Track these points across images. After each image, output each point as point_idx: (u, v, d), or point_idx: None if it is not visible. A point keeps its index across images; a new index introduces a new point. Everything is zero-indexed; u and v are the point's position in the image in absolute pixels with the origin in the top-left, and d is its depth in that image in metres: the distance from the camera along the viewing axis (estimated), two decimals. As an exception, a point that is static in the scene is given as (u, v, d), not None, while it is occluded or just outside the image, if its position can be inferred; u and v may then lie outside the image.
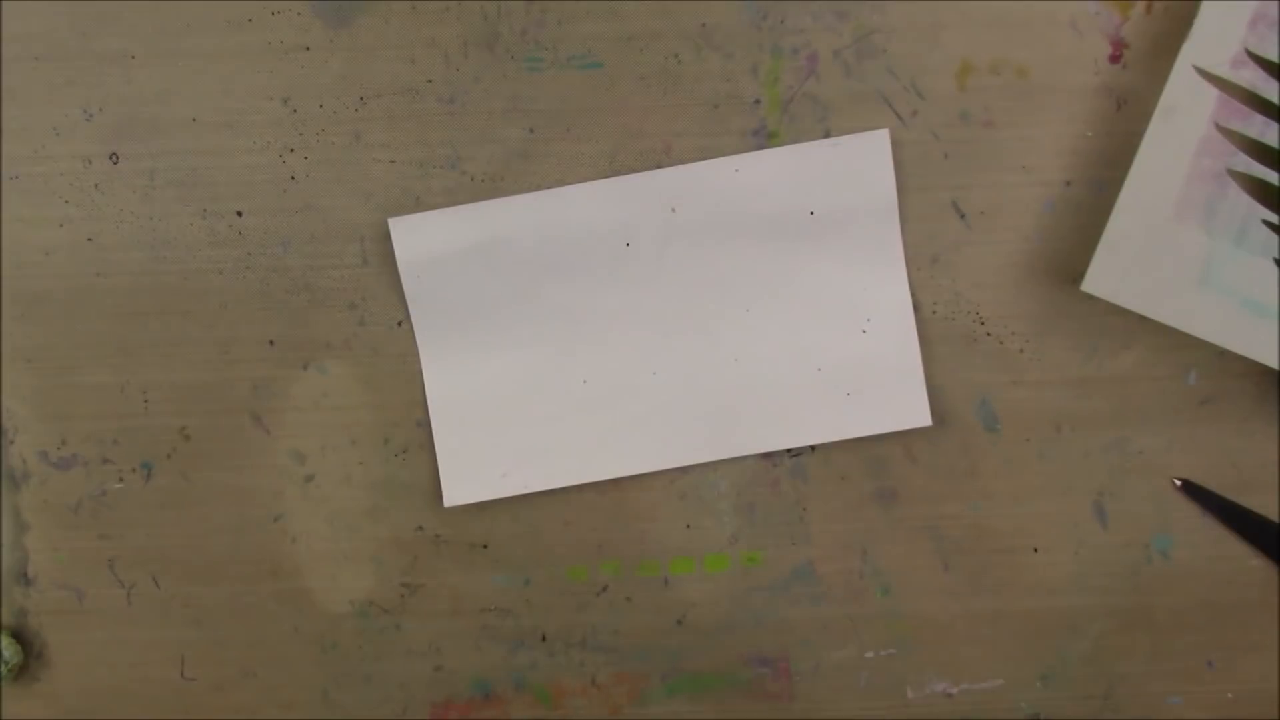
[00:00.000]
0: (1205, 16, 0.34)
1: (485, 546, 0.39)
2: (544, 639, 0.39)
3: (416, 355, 0.38)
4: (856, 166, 0.37)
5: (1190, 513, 0.38)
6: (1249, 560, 0.38)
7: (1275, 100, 0.35)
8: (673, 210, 0.37)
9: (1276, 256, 0.35)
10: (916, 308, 0.37)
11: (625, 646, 0.39)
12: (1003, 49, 0.37)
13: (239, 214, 0.38)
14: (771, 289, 0.37)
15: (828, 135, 0.37)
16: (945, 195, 0.37)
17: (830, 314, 0.37)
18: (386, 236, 0.37)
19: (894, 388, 0.37)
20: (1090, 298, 0.37)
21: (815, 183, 0.37)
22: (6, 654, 0.38)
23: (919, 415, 0.37)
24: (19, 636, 0.38)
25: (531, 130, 0.37)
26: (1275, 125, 0.35)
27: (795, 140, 0.37)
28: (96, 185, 0.37)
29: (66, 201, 0.37)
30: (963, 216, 0.37)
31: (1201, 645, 0.39)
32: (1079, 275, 0.37)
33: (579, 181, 0.37)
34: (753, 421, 0.38)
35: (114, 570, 0.39)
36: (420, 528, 0.39)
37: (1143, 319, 0.38)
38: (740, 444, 0.38)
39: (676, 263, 0.37)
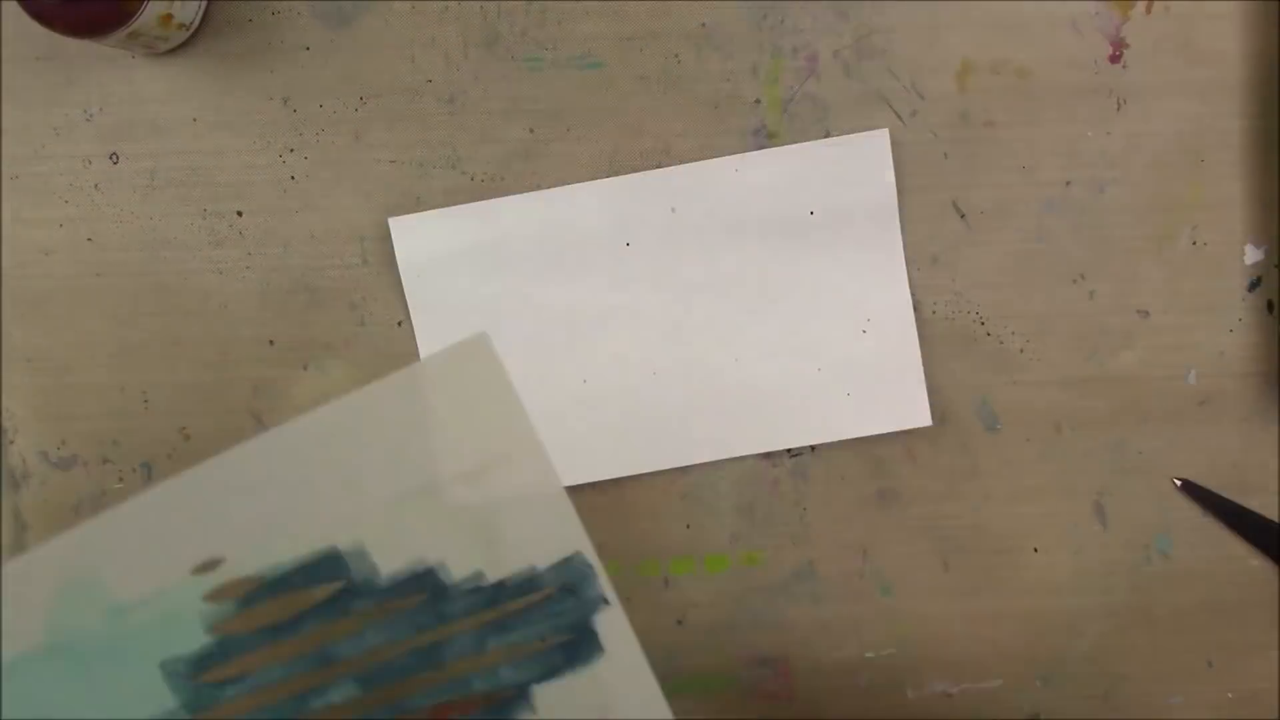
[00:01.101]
0: None
1: (485, 546, 0.39)
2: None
3: (416, 355, 0.38)
4: (856, 166, 0.37)
5: (1190, 513, 0.38)
6: (1249, 560, 0.38)
7: None
8: (673, 210, 0.37)
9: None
10: (916, 308, 0.37)
11: (625, 646, 0.39)
12: (1003, 49, 0.37)
13: (239, 214, 0.38)
14: (771, 289, 0.37)
15: (828, 135, 0.37)
16: (945, 195, 0.37)
17: (830, 314, 0.37)
18: (386, 236, 0.37)
19: (894, 388, 0.37)
20: (1090, 297, 0.37)
21: (815, 182, 0.37)
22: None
23: (919, 415, 0.37)
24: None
25: (531, 130, 0.37)
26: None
27: (795, 140, 0.37)
28: (96, 185, 0.37)
29: (66, 201, 0.37)
30: (963, 216, 0.37)
31: (1201, 645, 0.39)
32: (1079, 275, 0.37)
33: (579, 181, 0.37)
34: (753, 421, 0.38)
35: (114, 570, 0.39)
36: (420, 528, 0.39)
37: (1143, 318, 0.38)
38: (740, 444, 0.38)
39: (676, 263, 0.37)
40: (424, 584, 0.30)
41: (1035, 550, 0.39)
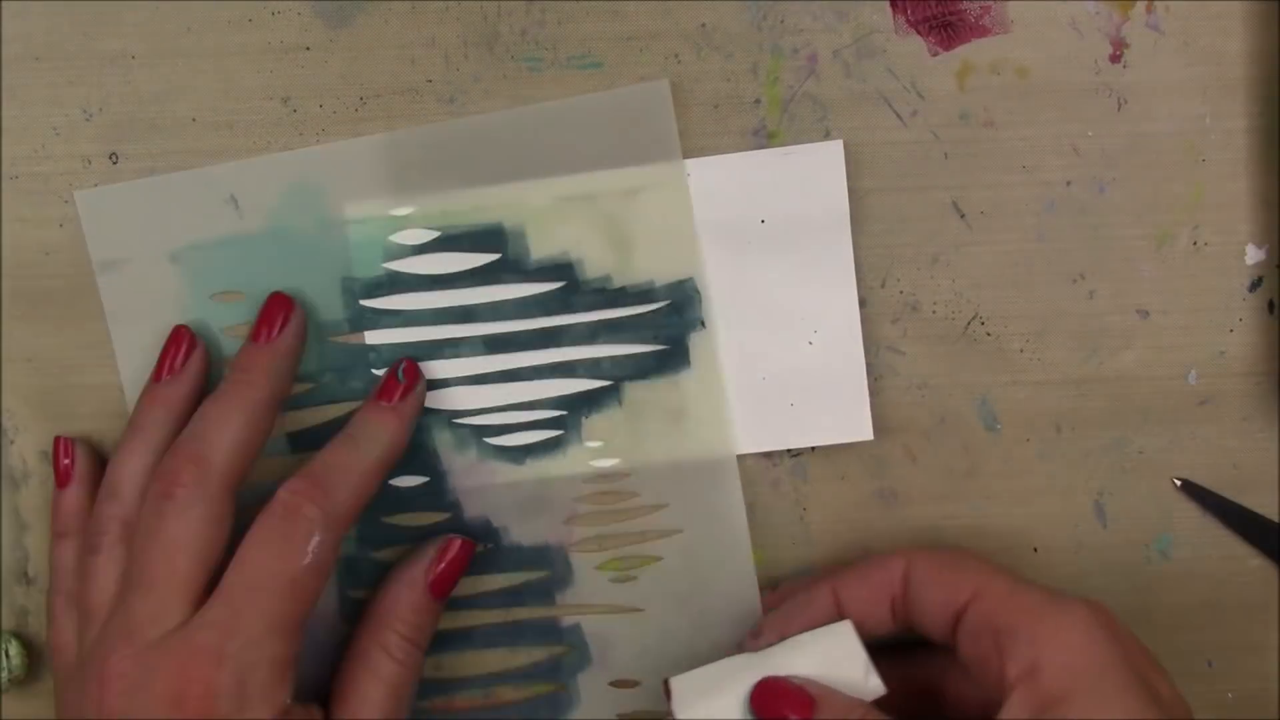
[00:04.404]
0: None
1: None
2: (544, 639, 0.39)
3: (416, 355, 0.38)
4: (809, 176, 0.36)
5: (1190, 513, 0.38)
6: (1249, 560, 0.38)
7: None
8: None
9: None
10: (917, 308, 0.37)
11: (625, 646, 0.39)
12: (1002, 49, 0.37)
13: (239, 214, 0.37)
14: (720, 294, 0.37)
15: (828, 135, 0.37)
16: (945, 195, 0.37)
17: (777, 323, 0.37)
18: (386, 236, 0.37)
19: (837, 400, 0.37)
20: (1090, 297, 0.37)
21: (767, 191, 0.36)
22: (14, 660, 0.37)
23: (861, 429, 0.37)
24: (19, 637, 0.38)
25: (531, 130, 0.37)
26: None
27: (796, 140, 0.37)
28: (96, 185, 0.37)
29: (66, 201, 0.37)
30: (963, 216, 0.37)
31: (1201, 645, 0.39)
32: (1079, 275, 0.37)
33: (579, 181, 0.37)
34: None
35: (114, 570, 0.39)
36: (420, 528, 0.39)
37: (1143, 318, 0.38)
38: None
39: None
40: (562, 274, 0.36)
41: (1035, 550, 0.39)
